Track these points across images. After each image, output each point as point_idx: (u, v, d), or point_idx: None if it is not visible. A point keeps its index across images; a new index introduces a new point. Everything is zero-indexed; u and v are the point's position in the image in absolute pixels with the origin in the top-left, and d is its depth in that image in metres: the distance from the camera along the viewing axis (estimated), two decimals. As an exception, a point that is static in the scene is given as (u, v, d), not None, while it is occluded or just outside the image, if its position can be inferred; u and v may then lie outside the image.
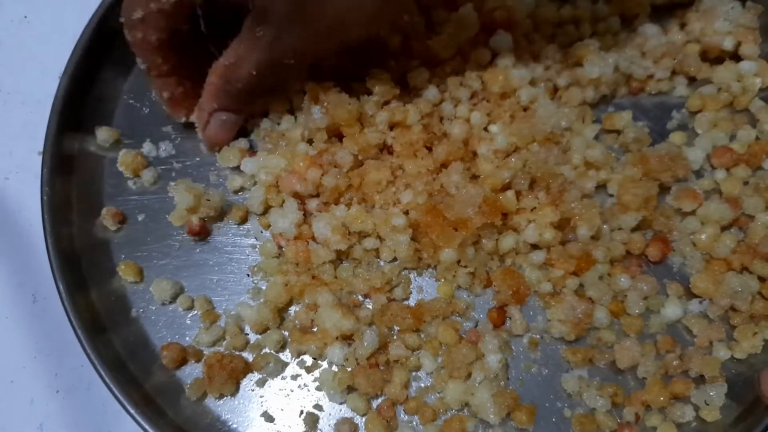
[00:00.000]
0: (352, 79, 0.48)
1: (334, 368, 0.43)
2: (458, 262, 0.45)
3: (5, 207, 0.51)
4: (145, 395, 0.42)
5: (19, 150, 0.52)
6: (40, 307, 0.49)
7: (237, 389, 0.43)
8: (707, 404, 0.42)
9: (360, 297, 0.45)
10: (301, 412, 0.43)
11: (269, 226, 0.47)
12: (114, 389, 0.41)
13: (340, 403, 0.43)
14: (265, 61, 0.42)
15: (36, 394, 0.47)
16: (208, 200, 0.46)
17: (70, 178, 0.48)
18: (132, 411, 0.40)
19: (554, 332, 0.44)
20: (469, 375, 0.43)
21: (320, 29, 0.40)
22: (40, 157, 0.47)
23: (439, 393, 0.43)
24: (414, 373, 0.44)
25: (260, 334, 0.45)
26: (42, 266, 0.45)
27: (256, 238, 0.48)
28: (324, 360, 0.44)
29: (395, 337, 0.44)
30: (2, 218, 0.51)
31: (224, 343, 0.45)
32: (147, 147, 0.50)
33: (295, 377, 0.44)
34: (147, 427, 0.40)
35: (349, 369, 0.43)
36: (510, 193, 0.44)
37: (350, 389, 0.43)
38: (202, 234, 0.47)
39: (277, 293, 0.44)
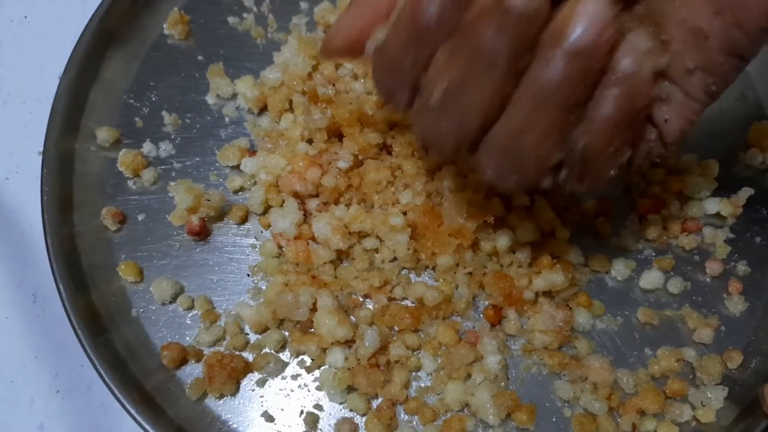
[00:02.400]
0: None
1: (335, 368, 0.43)
2: (456, 264, 0.45)
3: (5, 207, 0.51)
4: (145, 395, 0.42)
5: (19, 150, 0.52)
6: (40, 307, 0.49)
7: (237, 389, 0.43)
8: (703, 405, 0.42)
9: (360, 297, 0.45)
10: (302, 412, 0.43)
11: (269, 225, 0.47)
12: (114, 389, 0.41)
13: (340, 403, 0.43)
14: None
15: (36, 394, 0.47)
16: (208, 200, 0.46)
17: (70, 178, 0.48)
18: (132, 411, 0.40)
19: (536, 342, 0.44)
20: (469, 376, 0.43)
21: None
22: (40, 157, 0.47)
23: (438, 394, 0.43)
24: (414, 373, 0.44)
25: (260, 334, 0.45)
26: (42, 266, 0.45)
27: (256, 238, 0.47)
28: (324, 361, 0.44)
29: (395, 338, 0.44)
30: (2, 218, 0.51)
31: (224, 343, 0.44)
32: (147, 147, 0.50)
33: (295, 377, 0.44)
34: (147, 426, 0.40)
35: (349, 369, 0.43)
36: (496, 200, 0.44)
37: (350, 389, 0.43)
38: (202, 234, 0.47)
39: (277, 292, 0.44)
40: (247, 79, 0.51)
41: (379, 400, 0.43)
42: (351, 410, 0.43)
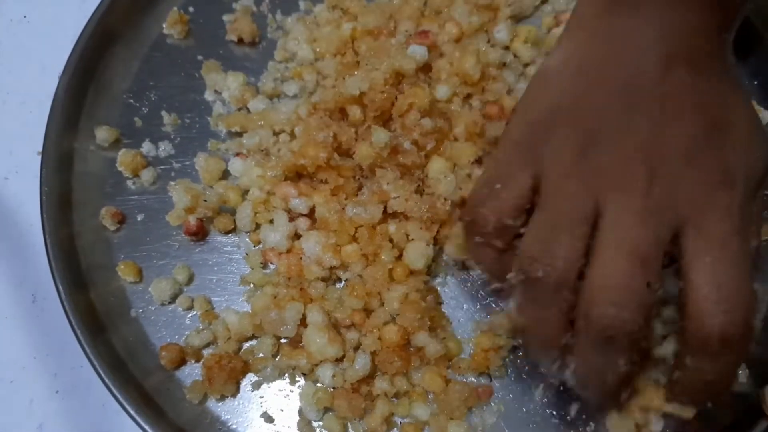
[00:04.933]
0: None
1: (319, 384, 0.42)
2: None
3: (4, 207, 0.51)
4: (144, 395, 0.42)
5: (18, 150, 0.52)
6: (40, 307, 0.49)
7: (237, 390, 0.43)
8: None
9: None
10: (301, 412, 0.43)
11: (259, 242, 0.46)
12: (113, 389, 0.41)
13: (316, 421, 0.42)
14: None
15: (35, 394, 0.47)
16: (205, 201, 0.46)
17: (70, 178, 0.48)
18: (131, 411, 0.40)
19: None
20: (470, 409, 0.42)
21: None
22: (40, 157, 0.47)
23: None
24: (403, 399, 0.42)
25: (244, 342, 0.44)
26: (41, 266, 0.45)
27: (249, 239, 0.47)
28: (315, 376, 0.43)
29: (381, 373, 0.42)
30: (1, 218, 0.51)
31: (216, 346, 0.44)
32: (146, 147, 0.49)
33: (293, 379, 0.43)
34: (147, 427, 0.40)
35: (331, 389, 0.42)
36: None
37: (328, 409, 0.42)
38: (200, 234, 0.47)
39: (264, 304, 0.43)
40: (239, 75, 0.50)
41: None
42: (326, 430, 0.42)
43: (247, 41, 0.52)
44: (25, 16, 0.58)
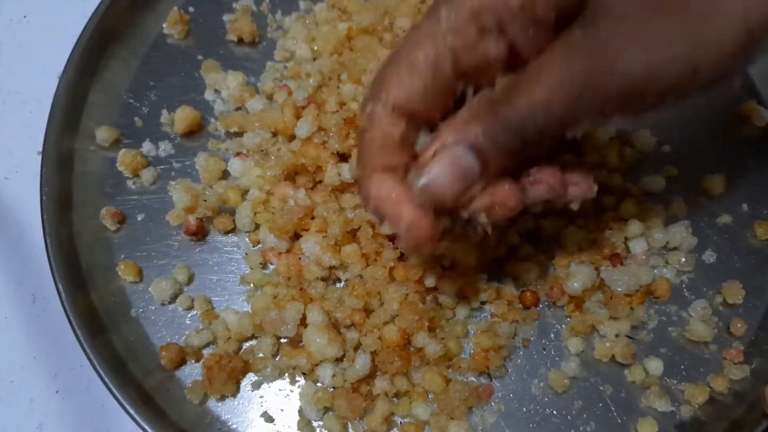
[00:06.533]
0: None
1: (319, 384, 0.42)
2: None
3: (5, 207, 0.51)
4: (144, 395, 0.42)
5: (18, 150, 0.52)
6: (40, 307, 0.49)
7: (237, 389, 0.43)
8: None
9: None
10: (301, 412, 0.43)
11: (259, 242, 0.46)
12: (113, 389, 0.41)
13: (316, 421, 0.42)
14: (580, 83, 0.29)
15: (35, 394, 0.47)
16: (205, 200, 0.46)
17: (70, 178, 0.48)
18: (131, 411, 0.40)
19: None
20: (471, 409, 0.42)
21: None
22: (40, 157, 0.47)
23: None
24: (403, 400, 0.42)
25: (244, 342, 0.44)
26: (41, 266, 0.45)
27: (248, 239, 0.47)
28: (315, 376, 0.43)
29: (381, 373, 0.42)
30: (2, 218, 0.51)
31: (216, 346, 0.44)
32: (146, 147, 0.49)
33: (293, 379, 0.43)
34: (146, 427, 0.40)
35: (331, 389, 0.42)
36: None
37: (328, 409, 0.42)
38: (199, 234, 0.47)
39: (264, 304, 0.43)
40: (239, 75, 0.50)
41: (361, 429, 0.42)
42: (326, 430, 0.42)
43: (247, 41, 0.53)
44: (25, 16, 0.58)
